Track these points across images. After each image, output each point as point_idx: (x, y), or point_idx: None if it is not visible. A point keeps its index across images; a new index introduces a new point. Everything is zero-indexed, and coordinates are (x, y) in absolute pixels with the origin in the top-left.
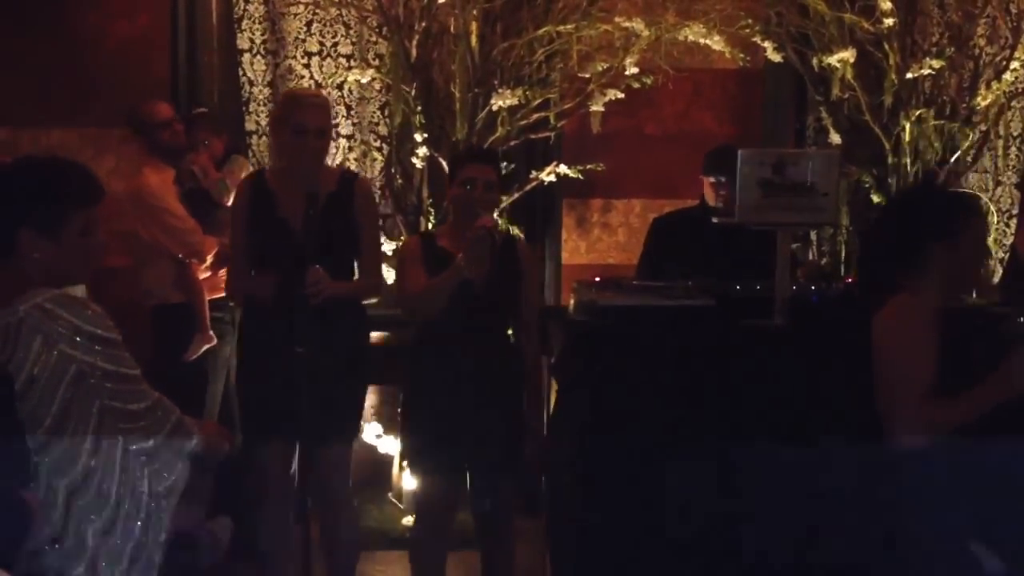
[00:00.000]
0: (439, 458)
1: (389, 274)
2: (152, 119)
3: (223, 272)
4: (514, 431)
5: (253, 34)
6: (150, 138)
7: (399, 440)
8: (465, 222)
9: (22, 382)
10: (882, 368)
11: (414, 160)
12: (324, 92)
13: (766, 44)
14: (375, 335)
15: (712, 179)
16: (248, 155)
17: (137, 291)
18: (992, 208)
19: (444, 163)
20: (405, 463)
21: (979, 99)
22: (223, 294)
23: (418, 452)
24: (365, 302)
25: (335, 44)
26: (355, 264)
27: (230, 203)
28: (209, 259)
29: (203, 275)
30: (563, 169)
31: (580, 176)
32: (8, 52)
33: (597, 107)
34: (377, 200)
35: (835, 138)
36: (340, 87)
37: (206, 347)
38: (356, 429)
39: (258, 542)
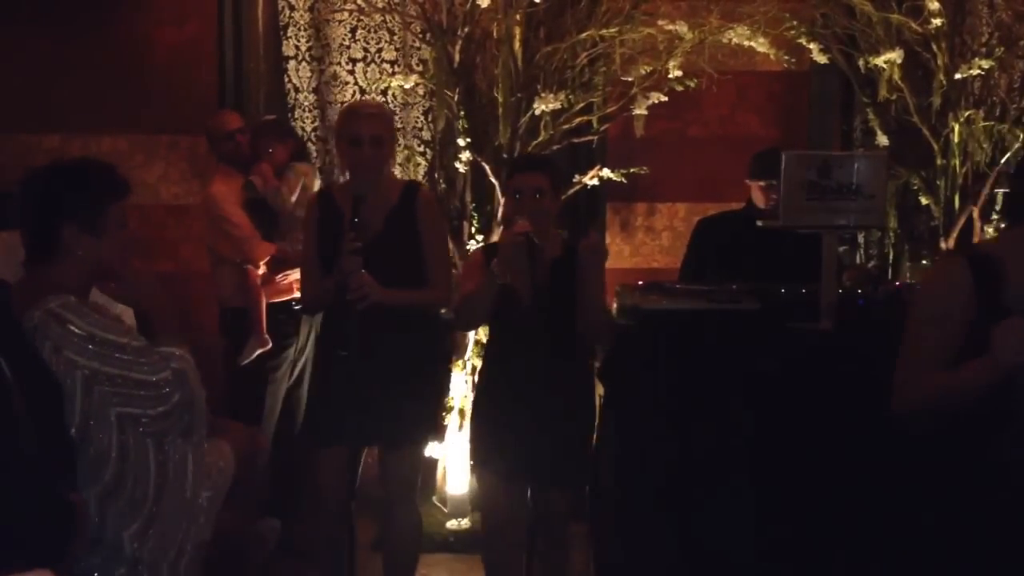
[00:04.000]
0: (504, 465)
1: None
2: (218, 130)
3: (280, 276)
4: (574, 438)
5: (298, 41)
6: (217, 148)
7: (469, 447)
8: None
9: None
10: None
11: (457, 165)
12: (368, 98)
13: (812, 46)
14: None
15: (763, 182)
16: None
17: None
18: None
19: (487, 167)
20: (471, 468)
21: None
22: (285, 297)
23: (483, 460)
24: (441, 311)
25: (379, 50)
26: (423, 276)
27: (291, 208)
28: (263, 264)
29: (261, 280)
30: (607, 173)
31: (624, 180)
32: (58, 60)
33: (640, 110)
34: None
35: (882, 140)
36: (384, 93)
37: (260, 351)
38: (416, 435)
39: (309, 543)
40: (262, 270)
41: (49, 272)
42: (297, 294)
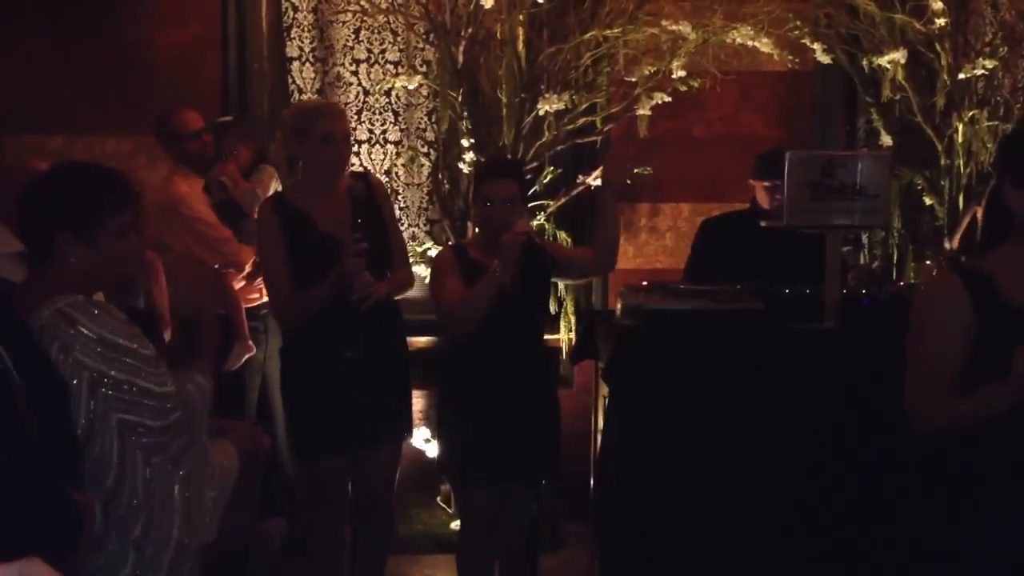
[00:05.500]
0: (478, 469)
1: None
2: (182, 129)
3: (258, 281)
4: (550, 437)
5: (302, 42)
6: (179, 148)
7: (436, 452)
8: (494, 234)
9: None
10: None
11: (461, 165)
12: (372, 98)
13: (815, 46)
14: (421, 340)
15: (767, 183)
16: None
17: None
18: None
19: None
20: (443, 476)
21: None
22: (255, 303)
23: (456, 464)
24: (399, 296)
25: (383, 51)
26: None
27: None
28: (247, 268)
29: (238, 284)
30: None
31: (627, 180)
32: (62, 61)
33: (644, 111)
34: (425, 206)
35: (886, 140)
36: (388, 93)
37: (247, 356)
38: (406, 430)
39: (309, 545)
40: (246, 271)
41: (48, 275)
42: (265, 299)
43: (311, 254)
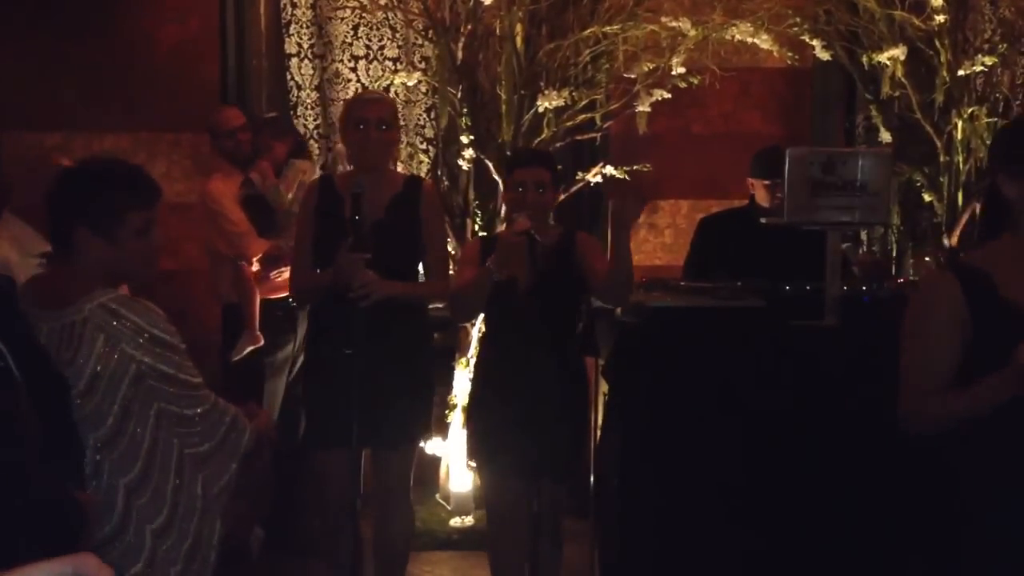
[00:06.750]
0: (505, 460)
1: None
2: (219, 127)
3: (274, 273)
4: (571, 434)
5: (301, 38)
6: (217, 145)
7: (466, 442)
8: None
9: (86, 379)
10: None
11: (460, 162)
12: None
13: (815, 42)
14: None
15: (768, 182)
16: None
17: (210, 292)
18: None
19: (490, 165)
20: (472, 464)
21: None
22: (281, 294)
23: (483, 455)
24: (431, 305)
25: (381, 47)
26: (419, 267)
27: (288, 205)
28: (256, 260)
29: (256, 276)
30: (609, 170)
31: (626, 177)
32: (61, 57)
33: (643, 107)
34: None
35: (885, 137)
36: (387, 90)
37: (251, 348)
38: (415, 432)
39: (312, 542)
40: (255, 267)
41: (70, 271)
42: None
43: (331, 237)
